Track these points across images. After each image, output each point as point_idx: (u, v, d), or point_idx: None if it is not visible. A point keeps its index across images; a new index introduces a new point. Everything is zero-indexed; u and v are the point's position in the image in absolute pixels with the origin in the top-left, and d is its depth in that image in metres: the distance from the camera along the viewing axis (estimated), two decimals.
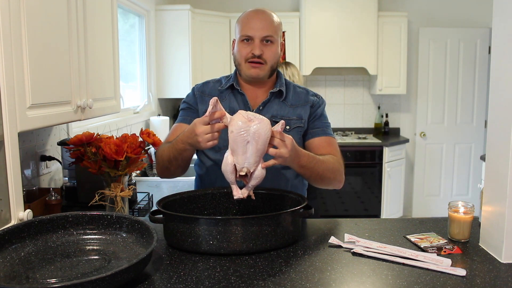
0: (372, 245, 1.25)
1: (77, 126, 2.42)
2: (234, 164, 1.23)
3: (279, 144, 1.23)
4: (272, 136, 1.23)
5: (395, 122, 4.98)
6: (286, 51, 4.39)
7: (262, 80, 1.57)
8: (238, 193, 1.26)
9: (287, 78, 3.30)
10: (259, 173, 1.24)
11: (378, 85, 4.60)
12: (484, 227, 1.29)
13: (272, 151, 1.23)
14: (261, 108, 1.57)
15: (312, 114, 1.60)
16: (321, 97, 1.65)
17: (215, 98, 1.22)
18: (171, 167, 1.46)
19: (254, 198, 1.30)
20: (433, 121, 4.86)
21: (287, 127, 1.55)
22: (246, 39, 1.51)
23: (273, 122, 1.54)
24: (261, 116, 1.23)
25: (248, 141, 1.19)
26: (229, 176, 1.25)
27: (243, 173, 1.22)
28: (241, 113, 1.22)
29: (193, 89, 1.66)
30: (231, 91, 1.60)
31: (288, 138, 1.26)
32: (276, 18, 1.55)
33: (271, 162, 1.25)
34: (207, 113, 1.23)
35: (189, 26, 3.96)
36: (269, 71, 1.54)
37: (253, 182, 1.25)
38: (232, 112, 1.54)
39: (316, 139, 1.57)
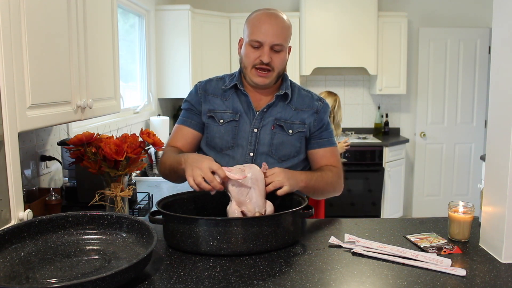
0: (372, 245, 1.25)
1: (77, 126, 2.42)
2: (242, 211, 1.32)
3: (273, 178, 1.35)
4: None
5: (395, 122, 4.98)
6: None
7: (268, 87, 1.54)
8: None
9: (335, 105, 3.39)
10: (271, 209, 1.36)
11: (378, 85, 4.60)
12: (484, 227, 1.29)
13: (271, 186, 1.34)
14: (265, 110, 1.54)
15: (317, 121, 1.57)
16: (325, 101, 1.62)
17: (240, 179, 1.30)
18: (172, 176, 1.52)
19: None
20: (433, 121, 4.86)
21: (290, 131, 1.54)
22: (256, 44, 1.46)
23: (276, 125, 1.54)
24: (248, 164, 1.38)
25: (250, 187, 1.31)
26: None
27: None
28: (231, 169, 1.32)
29: (195, 86, 1.62)
30: (234, 91, 1.57)
31: (274, 169, 1.38)
32: (287, 22, 1.50)
33: (285, 188, 1.35)
34: (227, 176, 1.29)
35: (189, 26, 3.96)
36: (275, 78, 1.51)
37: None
38: (236, 111, 1.54)
39: (321, 149, 1.58)
